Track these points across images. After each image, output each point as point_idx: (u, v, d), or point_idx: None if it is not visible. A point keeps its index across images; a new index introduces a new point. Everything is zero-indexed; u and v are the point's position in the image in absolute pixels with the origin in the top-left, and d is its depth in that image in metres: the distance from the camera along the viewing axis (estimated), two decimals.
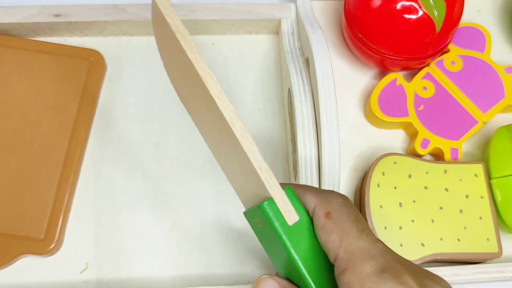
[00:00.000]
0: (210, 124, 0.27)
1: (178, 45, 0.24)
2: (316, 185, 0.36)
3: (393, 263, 0.23)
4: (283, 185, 0.25)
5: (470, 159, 0.44)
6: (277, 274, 0.28)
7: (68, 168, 0.39)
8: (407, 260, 0.25)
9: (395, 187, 0.39)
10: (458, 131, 0.42)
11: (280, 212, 0.24)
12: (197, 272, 0.39)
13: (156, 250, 0.40)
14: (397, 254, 0.25)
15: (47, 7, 0.41)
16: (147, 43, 0.44)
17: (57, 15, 0.41)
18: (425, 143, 0.41)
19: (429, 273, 0.25)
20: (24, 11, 0.41)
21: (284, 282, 0.26)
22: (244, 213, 0.28)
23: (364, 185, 0.39)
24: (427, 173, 0.40)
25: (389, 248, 0.25)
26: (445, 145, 0.41)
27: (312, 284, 0.25)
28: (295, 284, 0.27)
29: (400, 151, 0.43)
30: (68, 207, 0.39)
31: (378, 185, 0.39)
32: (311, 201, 0.26)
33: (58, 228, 0.38)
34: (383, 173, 0.39)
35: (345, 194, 0.41)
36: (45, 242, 0.38)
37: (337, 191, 0.29)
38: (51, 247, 0.38)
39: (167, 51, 0.28)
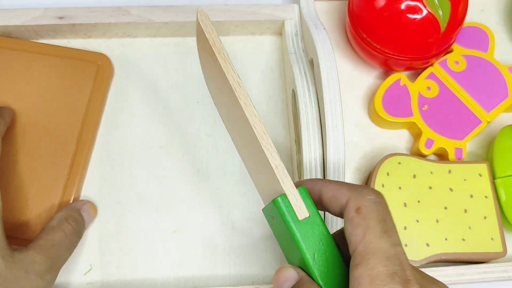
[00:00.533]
0: (237, 124, 0.30)
1: (214, 56, 0.28)
2: None
3: (405, 268, 0.24)
4: (298, 184, 0.27)
5: (474, 159, 0.44)
6: None
7: (74, 170, 0.39)
8: (417, 268, 0.26)
9: (400, 187, 0.39)
10: (462, 131, 0.42)
11: (291, 207, 0.26)
12: (201, 273, 0.39)
13: (160, 251, 0.40)
14: (409, 262, 0.26)
15: (51, 9, 0.41)
16: (151, 45, 0.44)
17: (61, 18, 0.41)
18: (429, 143, 0.41)
19: (434, 279, 0.26)
20: (28, 14, 0.41)
21: (303, 272, 0.27)
22: (263, 209, 0.30)
23: (369, 185, 0.39)
24: (431, 173, 0.40)
25: (405, 254, 0.25)
26: (449, 145, 0.41)
27: (318, 275, 0.26)
28: None
29: (404, 151, 0.43)
30: None
31: (383, 186, 0.39)
32: (345, 194, 0.27)
33: None
34: (388, 174, 0.39)
35: None
36: None
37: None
38: None
39: (205, 59, 0.31)
